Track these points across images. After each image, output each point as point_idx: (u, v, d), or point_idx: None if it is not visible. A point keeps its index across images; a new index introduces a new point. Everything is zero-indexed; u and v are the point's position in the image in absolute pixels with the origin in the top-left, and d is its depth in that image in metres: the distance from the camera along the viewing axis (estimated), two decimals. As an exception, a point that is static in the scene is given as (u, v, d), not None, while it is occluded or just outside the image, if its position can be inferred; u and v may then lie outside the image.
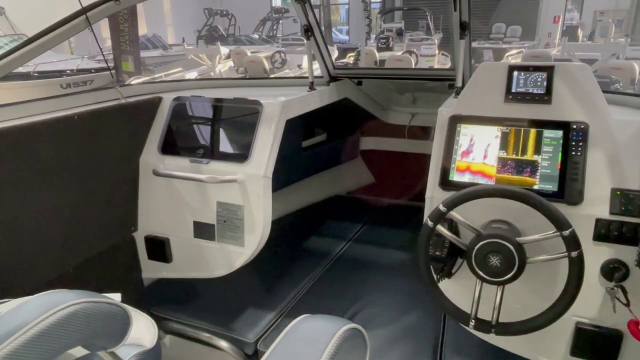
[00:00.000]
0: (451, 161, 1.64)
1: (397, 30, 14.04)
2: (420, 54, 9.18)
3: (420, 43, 10.27)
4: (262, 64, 8.36)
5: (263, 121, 1.94)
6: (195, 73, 8.35)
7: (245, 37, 13.75)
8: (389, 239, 2.84)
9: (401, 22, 15.30)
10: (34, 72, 7.46)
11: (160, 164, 2.04)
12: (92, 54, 10.02)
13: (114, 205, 2.00)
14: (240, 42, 12.84)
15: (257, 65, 8.38)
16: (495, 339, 1.64)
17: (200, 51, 10.35)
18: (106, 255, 2.01)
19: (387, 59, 8.58)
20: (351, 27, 19.01)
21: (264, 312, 2.07)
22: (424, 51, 9.43)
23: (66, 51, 10.69)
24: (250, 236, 1.93)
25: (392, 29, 13.49)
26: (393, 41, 12.37)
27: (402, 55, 8.56)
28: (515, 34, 15.16)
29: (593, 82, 1.57)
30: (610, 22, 13.06)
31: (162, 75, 7.86)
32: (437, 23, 14.86)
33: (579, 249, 1.25)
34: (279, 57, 8.93)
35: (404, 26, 14.95)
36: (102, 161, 1.90)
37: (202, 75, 8.37)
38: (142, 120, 2.09)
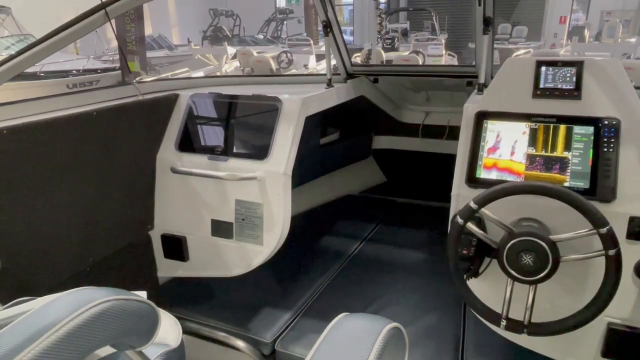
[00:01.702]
0: (478, 158, 1.61)
1: (402, 30, 14.01)
2: (427, 54, 9.15)
3: (427, 43, 10.23)
4: (269, 64, 8.34)
5: (282, 118, 1.92)
6: (201, 73, 8.33)
7: (250, 37, 13.74)
8: (403, 238, 2.81)
9: (406, 23, 15.26)
10: (41, 72, 7.45)
11: (178, 161, 2.02)
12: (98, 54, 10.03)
13: (130, 203, 1.98)
14: (245, 42, 12.84)
15: (264, 65, 8.36)
16: (521, 339, 1.60)
17: (207, 51, 10.35)
18: (122, 253, 1.99)
19: (394, 59, 8.55)
20: (355, 28, 18.98)
21: (280, 312, 2.04)
22: (431, 51, 9.39)
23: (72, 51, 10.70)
24: (270, 235, 1.90)
25: (398, 30, 13.46)
26: (398, 41, 12.34)
27: (409, 55, 8.53)
28: (521, 34, 15.10)
29: (624, 77, 1.53)
30: (618, 22, 13.00)
31: (169, 75, 7.84)
32: (442, 24, 14.83)
33: (616, 247, 1.22)
34: (285, 57, 8.92)
35: (409, 27, 14.91)
36: (119, 158, 1.88)
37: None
38: (159, 117, 2.07)
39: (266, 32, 15.11)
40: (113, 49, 9.73)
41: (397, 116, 3.23)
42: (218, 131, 2.04)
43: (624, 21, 14.27)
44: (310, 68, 9.12)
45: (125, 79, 7.09)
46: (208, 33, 12.13)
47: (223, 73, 8.70)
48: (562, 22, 15.46)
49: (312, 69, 9.04)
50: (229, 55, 9.40)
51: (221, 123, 2.05)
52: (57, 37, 1.62)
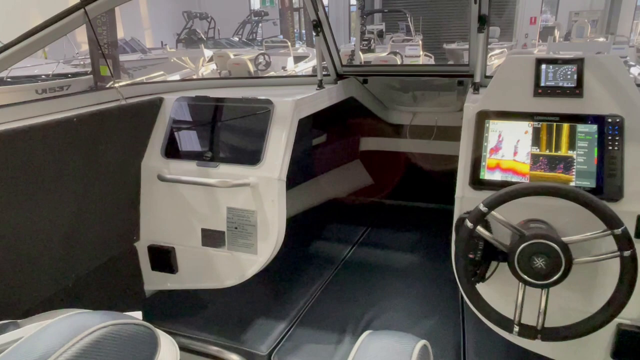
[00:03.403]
0: (481, 159, 1.56)
1: (378, 32, 14.06)
2: (405, 55, 9.18)
3: (405, 44, 10.28)
4: (246, 67, 8.24)
5: (275, 121, 1.84)
6: (177, 76, 8.17)
7: (226, 40, 13.56)
8: (395, 241, 2.77)
9: (382, 24, 15.32)
10: (7, 77, 7.16)
11: (165, 168, 1.91)
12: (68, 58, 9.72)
13: (114, 214, 1.86)
14: (221, 45, 12.66)
15: (241, 67, 8.25)
16: (525, 342, 1.56)
17: (183, 54, 10.15)
18: (107, 267, 1.87)
19: (372, 60, 8.54)
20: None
21: (275, 322, 1.96)
22: (408, 52, 9.43)
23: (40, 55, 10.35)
24: (264, 243, 1.82)
25: (374, 31, 13.50)
26: (374, 43, 12.38)
27: (388, 56, 8.55)
28: (494, 35, 15.33)
29: (625, 74, 1.51)
30: (586, 22, 13.34)
31: (144, 79, 7.64)
32: (417, 25, 14.95)
33: (632, 248, 1.19)
34: (263, 60, 8.81)
35: (385, 28, 14.98)
36: (102, 166, 1.77)
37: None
38: (143, 123, 1.96)
39: (241, 35, 14.95)
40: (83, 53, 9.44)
41: (385, 117, 3.19)
42: (206, 136, 1.94)
43: (592, 21, 14.67)
44: (289, 70, 9.04)
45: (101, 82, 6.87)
46: (182, 36, 11.92)
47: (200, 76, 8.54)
48: (532, 23, 15.79)
49: (290, 70, 8.97)
50: (206, 58, 9.24)
51: (210, 127, 1.96)
52: (32, 39, 1.50)
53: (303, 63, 9.93)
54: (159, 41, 13.00)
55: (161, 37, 14.01)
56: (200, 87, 2.37)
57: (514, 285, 1.40)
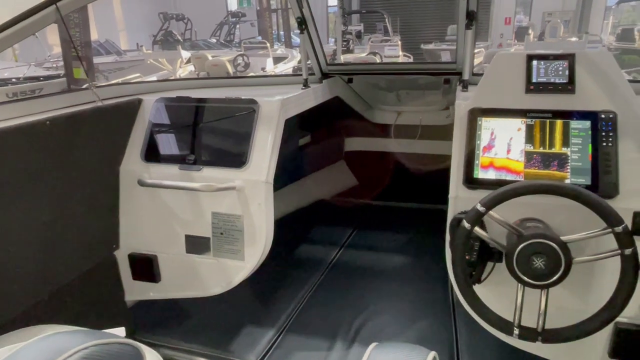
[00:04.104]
0: (474, 157, 1.53)
1: (356, 32, 14.08)
2: (384, 55, 9.19)
3: (384, 44, 10.30)
4: (225, 68, 8.13)
5: (260, 122, 1.77)
6: (154, 78, 7.99)
7: (203, 41, 13.38)
8: (382, 242, 2.74)
9: (360, 25, 15.36)
10: (-25, 80, 6.89)
11: (145, 172, 1.83)
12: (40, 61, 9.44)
13: (92, 221, 1.77)
14: (198, 46, 12.49)
15: (220, 69, 8.13)
16: (518, 342, 1.53)
17: (160, 55, 9.96)
18: (84, 278, 1.77)
19: (351, 60, 8.53)
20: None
21: (263, 330, 1.90)
22: (387, 52, 9.45)
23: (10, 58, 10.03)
24: (251, 249, 1.76)
25: (352, 32, 13.51)
26: (353, 43, 12.39)
27: (367, 57, 8.54)
28: (470, 35, 15.52)
29: (617, 69, 1.50)
30: (559, 22, 13.60)
31: (119, 81, 7.46)
32: (395, 26, 15.02)
33: (633, 246, 1.16)
34: (242, 61, 8.71)
35: (363, 28, 15.01)
36: (77, 171, 1.67)
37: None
38: (121, 125, 1.87)
39: (219, 36, 14.77)
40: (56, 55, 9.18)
41: (369, 117, 3.15)
42: (189, 138, 1.86)
43: (564, 21, 14.97)
44: (268, 71, 8.96)
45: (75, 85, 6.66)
46: (158, 37, 11.70)
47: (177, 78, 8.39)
48: (507, 23, 16.04)
49: (269, 71, 8.89)
50: (184, 60, 9.09)
51: (192, 129, 1.88)
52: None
53: (282, 64, 9.86)
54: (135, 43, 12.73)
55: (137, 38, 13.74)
56: (181, 88, 2.29)
57: (509, 286, 1.37)
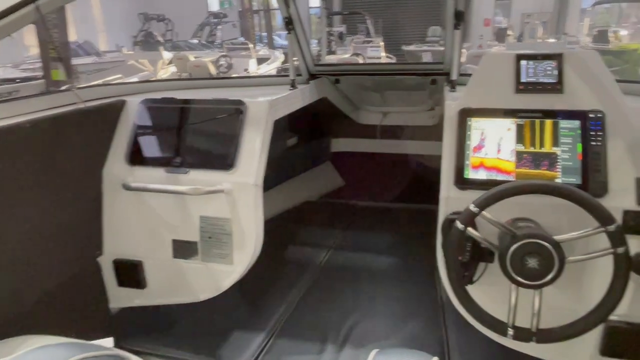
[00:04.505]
0: (464, 158, 1.52)
1: (338, 34, 14.09)
2: (367, 56, 9.22)
3: (366, 45, 10.33)
4: (207, 69, 8.05)
5: (248, 123, 1.74)
6: (135, 79, 7.87)
7: (184, 42, 13.23)
8: (370, 243, 2.73)
9: (342, 26, 15.37)
10: (-53, 85, 6.68)
11: (130, 176, 1.78)
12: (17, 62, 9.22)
13: (74, 227, 1.72)
14: (179, 47, 12.34)
15: (202, 70, 8.05)
16: (510, 342, 1.53)
17: (141, 56, 9.81)
18: (67, 286, 1.72)
19: (335, 61, 8.52)
20: (291, 32, 18.84)
21: (252, 334, 1.87)
22: (370, 53, 9.48)
23: (-17, 60, 9.76)
24: (240, 252, 1.72)
25: (334, 33, 13.51)
26: (336, 45, 12.38)
27: (350, 58, 8.56)
28: (452, 36, 15.67)
29: (604, 69, 1.51)
30: (538, 23, 13.83)
31: (100, 82, 7.32)
32: (377, 27, 15.09)
33: (625, 244, 1.17)
34: (225, 62, 8.63)
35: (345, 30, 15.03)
36: (58, 176, 1.62)
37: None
38: (104, 127, 1.82)
39: (200, 37, 14.63)
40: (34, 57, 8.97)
41: (356, 118, 3.14)
42: (175, 140, 1.82)
43: (542, 23, 15.24)
44: (251, 72, 8.90)
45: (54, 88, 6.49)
46: (139, 38, 11.52)
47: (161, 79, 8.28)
48: (486, 25, 16.25)
49: (253, 73, 8.84)
50: (165, 61, 8.97)
51: (178, 131, 1.83)
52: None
53: (265, 65, 9.81)
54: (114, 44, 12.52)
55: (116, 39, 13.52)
56: (166, 89, 2.24)
57: (501, 286, 1.36)
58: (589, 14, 16.57)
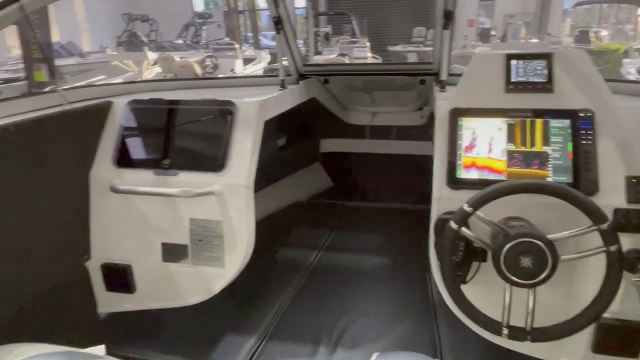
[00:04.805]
0: (456, 157, 1.53)
1: (324, 34, 14.09)
2: (353, 57, 9.22)
3: (353, 46, 10.34)
4: (193, 69, 7.97)
5: (239, 124, 1.72)
6: (120, 80, 7.76)
7: (169, 43, 13.08)
8: (360, 244, 2.73)
9: (328, 27, 15.38)
10: None
11: (117, 178, 1.75)
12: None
13: (61, 231, 1.68)
14: (164, 48, 12.19)
15: (188, 70, 7.98)
16: (502, 341, 1.54)
17: (125, 57, 9.68)
18: (54, 292, 1.68)
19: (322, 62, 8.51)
20: (277, 32, 18.80)
21: (243, 338, 1.85)
22: (356, 54, 9.49)
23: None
24: (232, 255, 1.70)
25: (320, 33, 13.50)
26: (322, 45, 12.37)
27: (336, 58, 8.56)
28: (436, 37, 15.79)
29: (593, 68, 1.52)
30: (520, 24, 13.98)
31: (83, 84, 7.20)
32: (362, 28, 15.12)
33: (618, 242, 1.18)
34: (210, 62, 8.57)
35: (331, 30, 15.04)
36: (45, 179, 1.58)
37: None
38: (90, 129, 1.79)
39: (185, 37, 14.49)
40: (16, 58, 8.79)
41: (345, 118, 3.14)
42: (163, 142, 1.79)
43: (525, 23, 15.42)
44: (238, 72, 8.84)
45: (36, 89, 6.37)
46: (123, 39, 11.36)
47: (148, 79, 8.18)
48: (470, 25, 16.39)
49: (239, 73, 8.78)
50: (150, 61, 8.87)
51: (166, 133, 1.81)
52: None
53: (251, 65, 9.76)
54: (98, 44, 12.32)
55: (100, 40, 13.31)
56: (153, 90, 2.21)
57: (494, 285, 1.37)
58: (570, 14, 16.85)
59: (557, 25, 16.60)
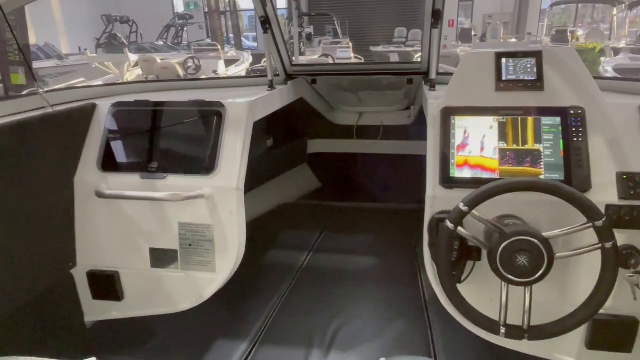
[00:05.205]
0: (450, 156, 1.52)
1: (306, 35, 14.08)
2: (336, 57, 9.23)
3: (336, 46, 10.35)
4: (175, 71, 7.88)
5: (228, 125, 1.69)
6: (100, 83, 7.62)
7: (150, 44, 12.93)
8: (350, 244, 2.71)
9: (310, 27, 15.38)
10: None
11: (103, 183, 1.70)
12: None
13: (45, 238, 1.62)
14: (145, 49, 12.04)
15: (170, 72, 7.88)
16: (496, 339, 1.54)
17: (105, 59, 9.52)
18: (39, 301, 1.63)
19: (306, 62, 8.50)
20: (259, 33, 18.78)
21: (234, 343, 1.82)
22: (340, 54, 9.51)
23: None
24: (223, 259, 1.67)
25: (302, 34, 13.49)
26: (304, 46, 12.36)
27: (320, 59, 8.56)
28: (417, 37, 15.93)
29: (581, 66, 1.53)
30: (499, 24, 14.18)
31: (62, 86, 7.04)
32: (344, 28, 15.17)
33: (613, 239, 1.18)
34: (193, 64, 8.47)
35: (313, 31, 15.04)
36: (27, 185, 1.53)
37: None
38: (74, 132, 1.73)
39: (166, 39, 14.34)
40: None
41: (331, 118, 3.12)
42: (150, 145, 1.75)
43: (504, 23, 15.65)
44: (220, 74, 8.77)
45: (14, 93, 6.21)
46: (102, 40, 11.18)
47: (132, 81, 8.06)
48: (450, 26, 16.55)
49: (222, 74, 8.71)
50: (131, 63, 8.74)
51: (153, 135, 1.76)
52: None
53: (234, 67, 9.69)
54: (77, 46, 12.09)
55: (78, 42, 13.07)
56: (137, 91, 2.16)
57: (489, 284, 1.37)
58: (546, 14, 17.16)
59: (536, 25, 16.88)
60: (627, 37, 12.29)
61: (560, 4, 15.84)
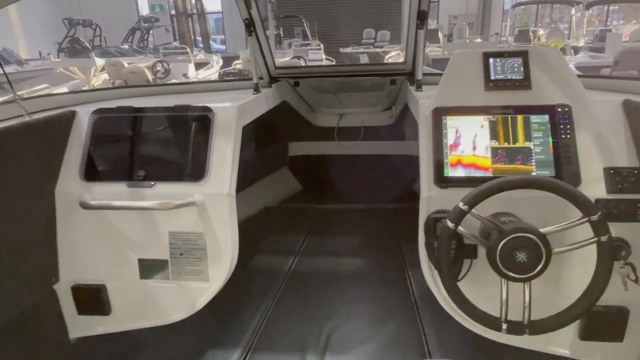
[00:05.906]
0: (443, 156, 1.53)
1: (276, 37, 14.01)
2: (308, 59, 9.22)
3: (306, 48, 10.34)
4: (144, 75, 7.68)
5: (217, 130, 1.65)
6: (65, 89, 7.36)
7: (115, 48, 12.59)
8: (336, 246, 2.70)
9: (279, 29, 15.32)
10: None
11: (87, 193, 1.63)
12: None
13: (24, 254, 1.54)
14: (110, 53, 11.72)
15: (138, 76, 7.68)
16: (489, 333, 1.56)
17: (70, 64, 9.20)
18: (21, 319, 1.55)
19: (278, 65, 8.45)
20: (227, 36, 18.59)
21: (227, 352, 1.78)
22: (311, 56, 9.50)
23: None
24: (216, 268, 1.63)
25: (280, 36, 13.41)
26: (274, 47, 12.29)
27: (292, 61, 8.52)
28: (385, 38, 16.11)
29: (566, 65, 1.57)
30: (465, 24, 14.51)
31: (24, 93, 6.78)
32: (312, 30, 15.19)
33: (608, 232, 1.21)
34: (162, 67, 8.29)
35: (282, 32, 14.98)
36: (5, 197, 1.45)
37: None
38: (53, 141, 1.66)
39: (131, 42, 14.00)
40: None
41: (312, 120, 3.11)
42: (136, 152, 1.69)
43: (469, 23, 16.01)
44: (191, 77, 8.61)
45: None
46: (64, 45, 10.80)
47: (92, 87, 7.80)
48: (417, 27, 16.78)
49: (192, 78, 8.56)
50: (98, 67, 8.47)
51: (139, 142, 1.71)
52: None
53: (204, 70, 9.55)
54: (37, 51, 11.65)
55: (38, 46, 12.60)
56: (118, 97, 2.09)
57: (486, 281, 1.38)
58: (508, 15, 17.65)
59: (499, 25, 17.33)
60: (585, 36, 12.79)
61: (522, 5, 16.33)
